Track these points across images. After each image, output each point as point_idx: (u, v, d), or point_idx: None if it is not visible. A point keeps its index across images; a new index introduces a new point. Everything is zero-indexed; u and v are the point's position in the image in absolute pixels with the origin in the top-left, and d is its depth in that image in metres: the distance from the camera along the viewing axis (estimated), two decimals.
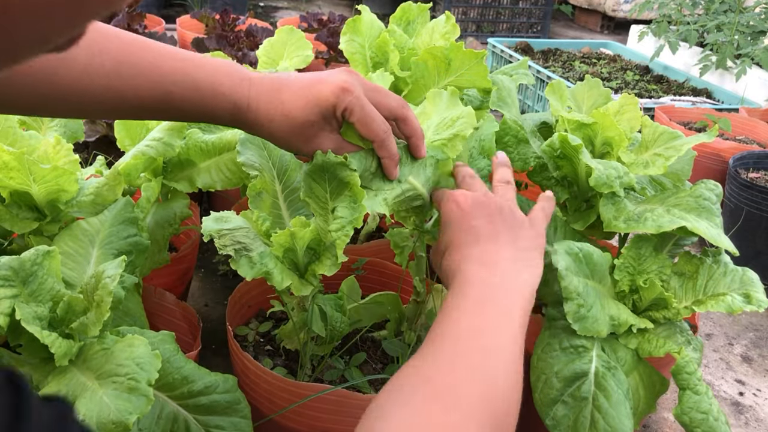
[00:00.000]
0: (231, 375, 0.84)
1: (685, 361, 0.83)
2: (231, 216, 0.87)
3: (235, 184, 1.12)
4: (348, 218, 0.80)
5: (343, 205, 0.80)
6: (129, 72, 0.65)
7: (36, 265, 0.78)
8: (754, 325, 1.65)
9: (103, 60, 0.63)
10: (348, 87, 0.70)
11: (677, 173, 1.07)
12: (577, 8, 5.02)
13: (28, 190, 0.91)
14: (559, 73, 2.86)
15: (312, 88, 0.70)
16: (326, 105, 0.70)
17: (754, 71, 2.72)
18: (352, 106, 0.70)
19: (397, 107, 0.74)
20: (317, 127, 0.72)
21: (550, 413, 0.80)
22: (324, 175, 0.77)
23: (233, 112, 0.71)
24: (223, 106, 0.70)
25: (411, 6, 1.30)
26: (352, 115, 0.70)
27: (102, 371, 0.73)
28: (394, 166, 0.75)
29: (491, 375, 0.57)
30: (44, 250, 0.80)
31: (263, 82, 0.71)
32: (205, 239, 0.83)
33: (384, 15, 3.98)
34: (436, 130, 0.87)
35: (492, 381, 0.57)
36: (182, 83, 0.68)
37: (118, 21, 2.33)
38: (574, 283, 0.81)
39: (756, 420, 1.33)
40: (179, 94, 0.68)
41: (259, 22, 2.81)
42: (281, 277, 0.82)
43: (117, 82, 0.65)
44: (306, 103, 0.70)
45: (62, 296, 0.79)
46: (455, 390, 0.55)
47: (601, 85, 1.18)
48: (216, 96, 0.69)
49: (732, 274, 0.92)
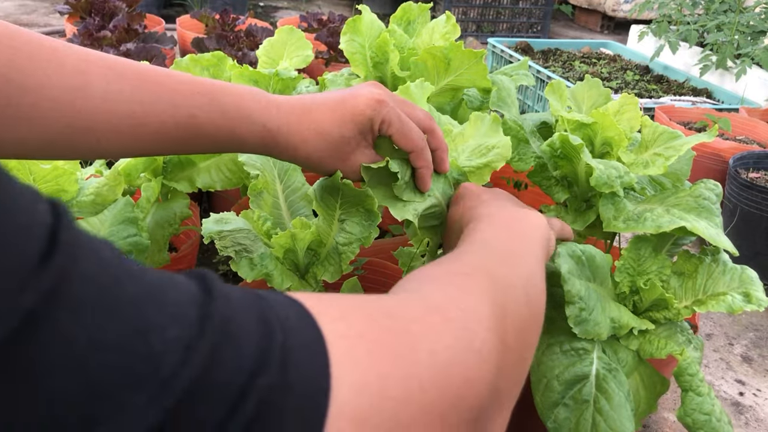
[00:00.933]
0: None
1: (687, 363, 0.83)
2: (231, 217, 0.87)
3: (235, 184, 1.12)
4: (357, 235, 0.80)
5: (354, 220, 0.80)
6: (149, 98, 0.61)
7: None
8: (754, 325, 1.65)
9: (122, 86, 0.60)
10: (382, 99, 0.68)
11: (677, 173, 1.07)
12: (577, 8, 5.02)
13: None
14: (559, 73, 2.86)
15: (345, 103, 0.68)
16: (362, 119, 0.68)
17: (754, 71, 2.72)
18: (389, 117, 0.68)
19: (424, 119, 0.73)
20: (354, 143, 0.70)
21: (551, 416, 0.80)
22: (337, 191, 0.78)
23: (263, 135, 0.67)
24: (253, 129, 0.66)
25: (411, 6, 1.31)
26: (391, 126, 0.69)
27: None
28: (429, 177, 0.74)
29: (523, 276, 0.54)
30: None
31: (291, 103, 0.68)
32: (205, 241, 0.83)
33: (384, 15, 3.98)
34: (469, 156, 0.86)
35: (523, 281, 0.53)
36: (207, 106, 0.64)
37: (118, 21, 2.33)
38: (577, 286, 0.81)
39: (756, 420, 1.33)
40: (204, 118, 0.64)
41: (259, 22, 2.81)
42: (281, 278, 0.82)
43: (138, 108, 0.60)
44: (341, 119, 0.68)
45: None
46: (482, 272, 0.50)
47: (601, 85, 1.18)
48: (243, 119, 0.65)
49: (731, 272, 0.92)
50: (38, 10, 3.91)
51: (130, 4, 2.58)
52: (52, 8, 3.91)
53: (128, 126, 0.60)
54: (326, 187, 0.78)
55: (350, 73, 1.29)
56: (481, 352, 0.41)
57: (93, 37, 2.19)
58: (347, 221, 0.78)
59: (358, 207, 0.78)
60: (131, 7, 2.57)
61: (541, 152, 1.06)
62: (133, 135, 0.61)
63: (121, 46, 2.09)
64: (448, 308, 0.42)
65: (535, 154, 1.07)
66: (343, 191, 0.78)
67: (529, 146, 1.08)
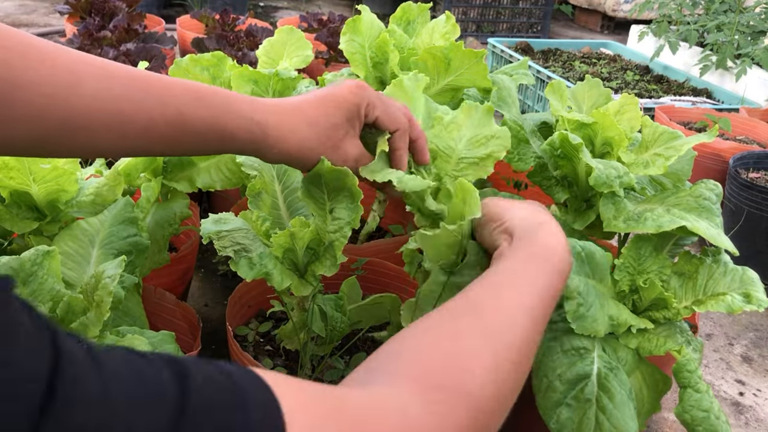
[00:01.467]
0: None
1: (686, 359, 0.83)
2: (230, 217, 0.87)
3: (235, 184, 1.12)
4: (346, 219, 0.81)
5: (341, 206, 0.80)
6: (138, 96, 0.62)
7: (36, 265, 0.78)
8: (754, 325, 1.65)
9: (112, 85, 0.61)
10: (363, 85, 0.72)
11: (677, 173, 1.07)
12: (577, 8, 5.02)
13: (28, 190, 0.91)
14: (559, 73, 2.86)
15: (329, 94, 0.72)
16: (348, 105, 0.71)
17: (754, 71, 2.72)
18: (372, 100, 0.72)
19: (403, 108, 0.77)
20: (342, 132, 0.72)
21: (554, 416, 0.80)
22: (320, 179, 0.78)
23: (252, 129, 0.67)
24: (242, 124, 0.67)
25: (411, 6, 1.31)
26: (375, 108, 0.72)
27: None
28: (405, 158, 0.77)
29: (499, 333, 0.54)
30: (44, 250, 0.80)
31: (279, 101, 0.70)
32: (204, 241, 0.83)
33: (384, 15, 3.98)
34: (467, 145, 0.87)
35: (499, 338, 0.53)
36: (194, 103, 0.64)
37: (118, 21, 2.32)
38: (576, 282, 0.81)
39: (756, 420, 1.33)
40: (192, 115, 0.64)
41: (259, 22, 2.81)
42: (281, 277, 0.82)
43: (127, 105, 0.61)
44: (327, 108, 0.71)
45: (62, 296, 0.79)
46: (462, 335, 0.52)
47: (601, 85, 1.18)
48: (232, 114, 0.66)
49: (732, 273, 0.92)
50: (38, 10, 3.91)
51: (130, 4, 2.58)
52: (52, 8, 3.91)
53: (118, 123, 0.61)
54: (311, 178, 0.79)
55: (350, 73, 1.29)
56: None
57: (93, 37, 2.19)
58: (336, 209, 0.79)
59: (342, 191, 0.79)
60: (131, 7, 2.57)
61: (541, 152, 1.06)
62: (123, 132, 0.62)
63: (121, 46, 2.09)
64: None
65: (535, 154, 1.07)
66: (325, 178, 0.78)
67: (529, 146, 1.08)
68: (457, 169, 0.87)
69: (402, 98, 0.90)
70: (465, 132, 0.88)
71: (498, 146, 0.86)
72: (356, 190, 0.75)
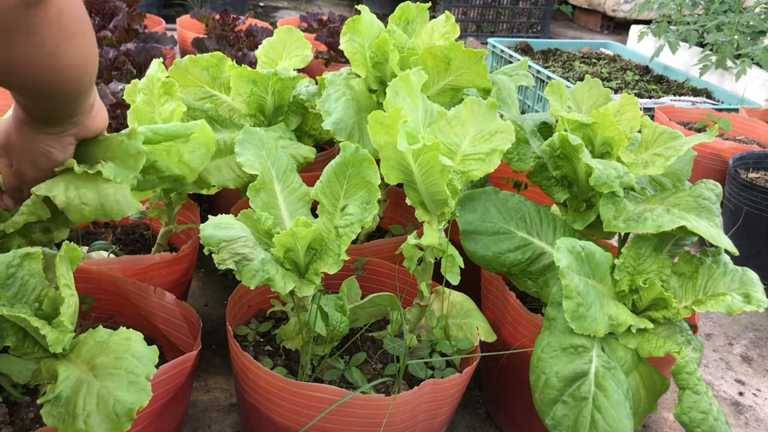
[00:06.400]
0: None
1: (685, 361, 0.83)
2: (230, 221, 0.86)
3: (246, 183, 1.14)
4: (358, 216, 0.82)
5: (356, 203, 0.81)
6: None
7: (13, 267, 0.78)
8: (754, 325, 1.65)
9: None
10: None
11: (677, 173, 1.07)
12: (577, 8, 5.02)
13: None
14: (559, 73, 2.86)
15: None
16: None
17: (754, 71, 2.72)
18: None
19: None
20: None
21: (550, 413, 0.80)
22: (347, 170, 0.80)
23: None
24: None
25: (410, 6, 1.31)
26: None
27: (95, 363, 0.74)
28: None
29: None
30: (22, 252, 0.79)
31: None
32: (205, 252, 0.83)
33: (384, 15, 3.98)
34: (472, 142, 0.87)
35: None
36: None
37: (119, 21, 2.33)
38: (575, 281, 0.81)
39: (756, 420, 1.33)
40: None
41: (259, 22, 2.81)
42: (284, 282, 0.83)
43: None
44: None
45: (46, 294, 0.78)
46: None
47: (601, 85, 1.18)
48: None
49: (732, 273, 0.92)
50: None
51: (130, 4, 2.58)
52: None
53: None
54: (340, 164, 0.80)
55: (349, 72, 1.29)
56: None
57: None
58: (349, 205, 0.80)
59: (360, 187, 0.80)
60: (131, 7, 2.57)
61: (541, 152, 1.06)
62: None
63: (121, 46, 2.09)
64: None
65: (535, 154, 1.07)
66: (352, 165, 0.80)
67: (529, 146, 1.08)
68: (463, 165, 0.88)
69: (406, 92, 0.90)
70: (469, 128, 0.89)
71: (502, 140, 0.87)
72: (374, 189, 0.77)
